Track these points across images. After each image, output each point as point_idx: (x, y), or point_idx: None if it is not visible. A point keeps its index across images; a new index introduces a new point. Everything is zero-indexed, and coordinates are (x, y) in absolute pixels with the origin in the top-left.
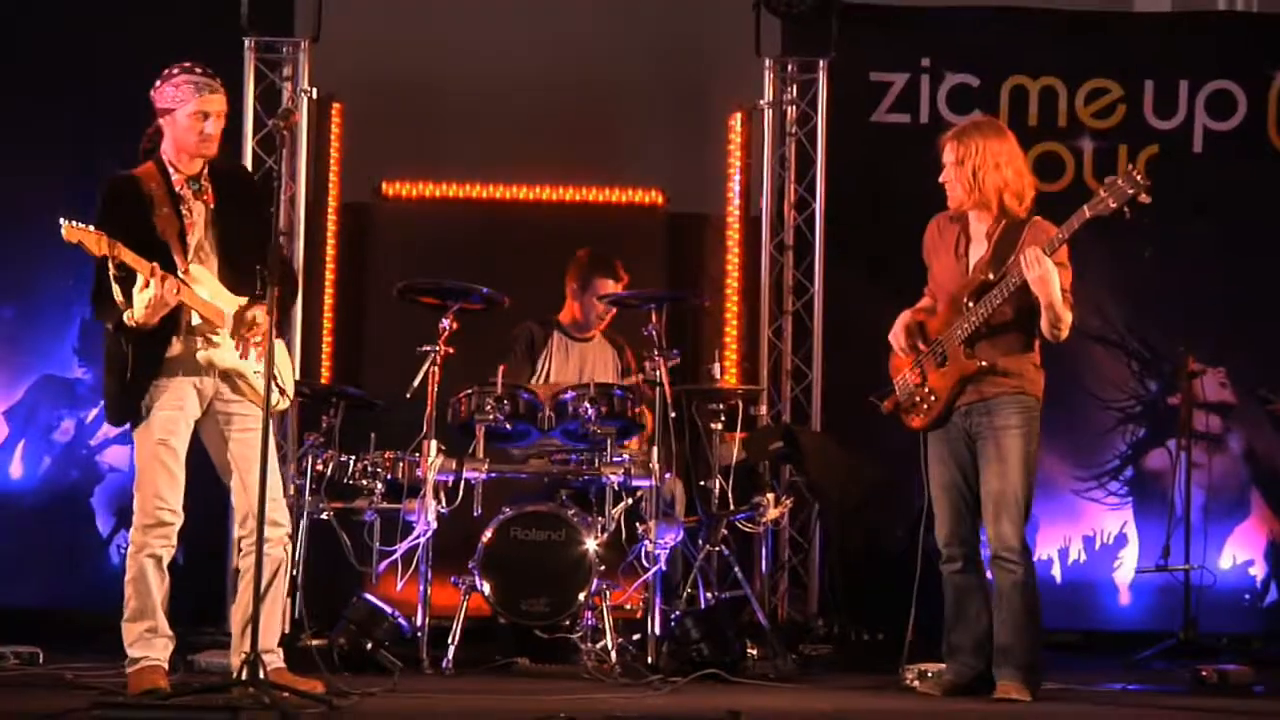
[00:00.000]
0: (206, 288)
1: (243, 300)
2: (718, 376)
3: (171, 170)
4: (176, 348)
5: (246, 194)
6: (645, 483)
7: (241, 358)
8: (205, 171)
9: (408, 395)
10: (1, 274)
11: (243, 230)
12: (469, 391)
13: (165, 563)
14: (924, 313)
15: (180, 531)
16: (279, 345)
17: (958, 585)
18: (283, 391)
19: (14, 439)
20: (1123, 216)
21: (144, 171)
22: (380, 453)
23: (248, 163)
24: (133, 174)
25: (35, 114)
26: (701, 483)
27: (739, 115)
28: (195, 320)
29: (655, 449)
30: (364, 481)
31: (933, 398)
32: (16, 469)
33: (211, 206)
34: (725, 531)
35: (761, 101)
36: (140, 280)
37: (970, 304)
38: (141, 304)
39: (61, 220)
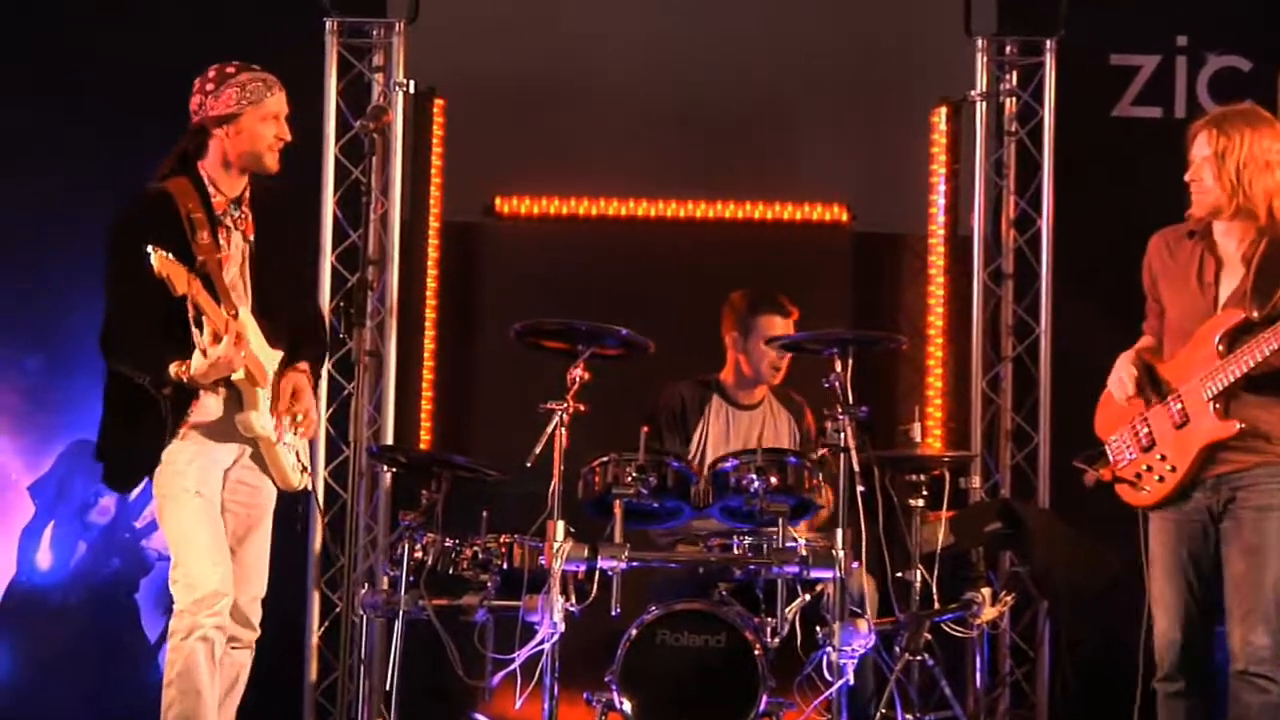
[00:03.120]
0: (252, 338)
1: (278, 355)
2: (918, 439)
3: (212, 189)
4: (212, 406)
5: (285, 225)
6: (827, 574)
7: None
8: (248, 194)
9: (528, 464)
10: (23, 315)
11: (281, 270)
12: (604, 459)
13: (218, 653)
14: (1148, 354)
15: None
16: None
17: (1178, 713)
18: (305, 471)
19: (41, 520)
20: None
21: (178, 187)
22: (494, 536)
23: (329, 175)
24: (165, 188)
25: (65, 115)
26: (898, 574)
27: (943, 110)
28: (238, 375)
29: (839, 532)
30: (474, 572)
31: (1169, 468)
32: (44, 557)
33: (250, 239)
34: (929, 636)
35: (972, 92)
36: (208, 333)
37: (1222, 348)
38: (205, 362)
39: (149, 249)
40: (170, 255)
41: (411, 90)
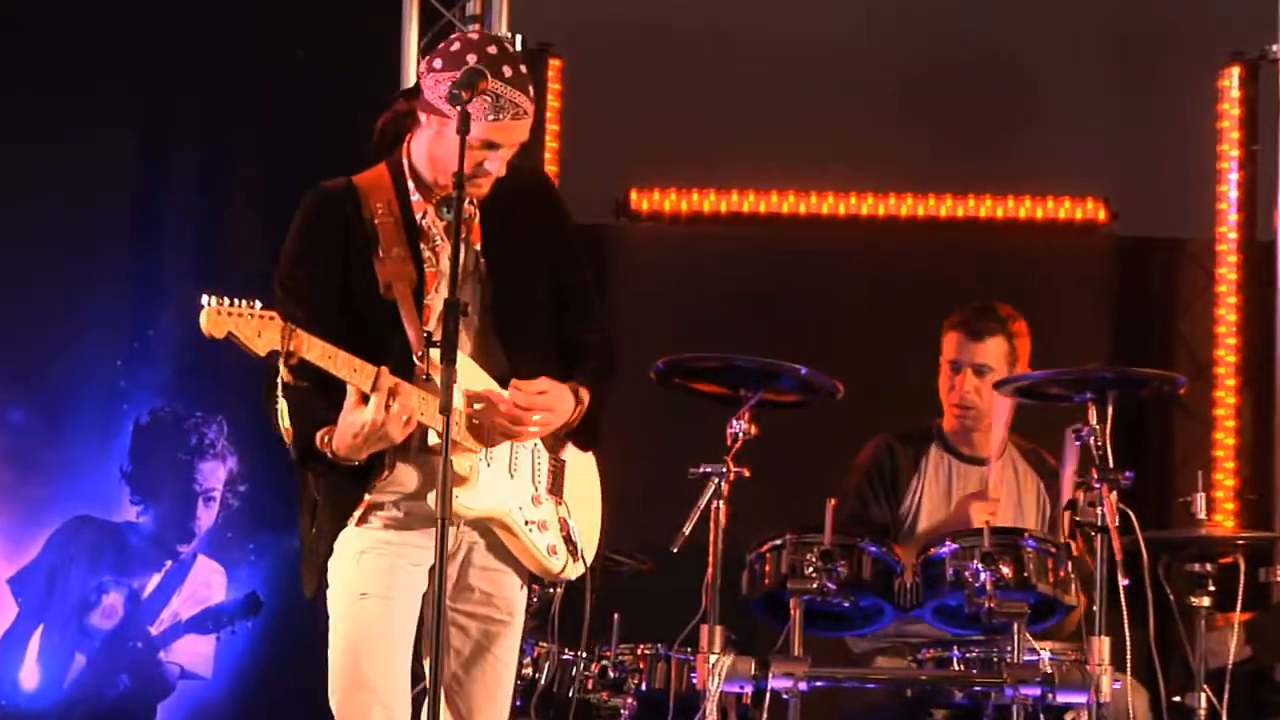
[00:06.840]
0: (466, 386)
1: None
2: (1203, 516)
3: (413, 186)
4: (406, 479)
5: (534, 224)
6: (1080, 697)
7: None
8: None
9: (674, 548)
10: (4, 356)
11: (530, 286)
12: (777, 542)
13: None
14: None
15: None
16: (584, 461)
17: None
18: (574, 553)
19: (27, 624)
20: None
21: (369, 181)
22: (629, 647)
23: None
24: (351, 184)
25: (68, 92)
26: (1177, 698)
27: (1234, 72)
28: (433, 438)
29: (1097, 640)
30: (602, 695)
31: None
32: (30, 674)
33: (478, 248)
34: None
35: (1274, 47)
36: (352, 395)
37: None
38: (348, 431)
39: (205, 299)
40: (231, 304)
41: (518, 48)
